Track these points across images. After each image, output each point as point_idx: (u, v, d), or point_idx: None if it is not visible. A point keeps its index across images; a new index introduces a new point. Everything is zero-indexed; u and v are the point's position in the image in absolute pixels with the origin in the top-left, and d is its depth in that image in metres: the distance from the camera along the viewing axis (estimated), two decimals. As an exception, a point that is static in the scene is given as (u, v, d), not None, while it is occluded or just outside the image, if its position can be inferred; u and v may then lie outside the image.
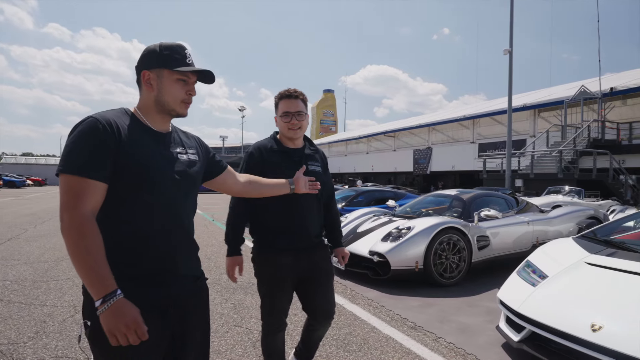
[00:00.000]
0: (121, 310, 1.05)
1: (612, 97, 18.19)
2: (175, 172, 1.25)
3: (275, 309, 2.01)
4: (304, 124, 2.02)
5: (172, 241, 1.23)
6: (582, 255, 2.96)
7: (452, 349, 2.89)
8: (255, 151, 2.04)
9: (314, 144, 2.16)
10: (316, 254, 2.05)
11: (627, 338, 2.10)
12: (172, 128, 1.36)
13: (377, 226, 5.08)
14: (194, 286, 1.33)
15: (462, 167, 25.26)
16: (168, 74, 1.24)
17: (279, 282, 1.97)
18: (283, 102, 1.99)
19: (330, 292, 2.11)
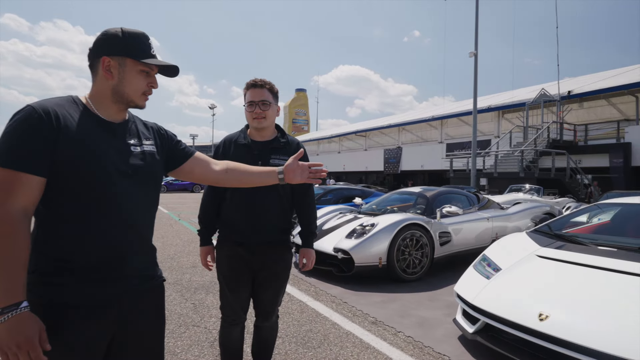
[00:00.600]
0: (18, 326, 0.94)
1: (569, 100, 19.12)
2: (128, 165, 1.16)
3: (230, 299, 1.98)
4: (269, 113, 1.95)
5: (120, 238, 1.14)
6: (534, 248, 3.07)
7: (410, 342, 2.93)
8: (221, 144, 2.05)
9: (286, 136, 2.06)
10: (273, 251, 1.98)
11: (570, 326, 2.19)
12: (130, 117, 1.27)
13: (342, 223, 5.10)
14: (145, 287, 1.23)
15: (431, 166, 25.83)
16: (132, 63, 1.17)
17: (233, 271, 1.96)
18: (249, 92, 1.96)
19: (275, 294, 2.04)
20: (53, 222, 1.07)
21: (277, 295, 2.05)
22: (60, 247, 1.07)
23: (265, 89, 1.95)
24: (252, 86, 1.95)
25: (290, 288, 4.28)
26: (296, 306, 3.69)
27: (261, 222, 1.94)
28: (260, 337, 2.15)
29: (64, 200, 1.07)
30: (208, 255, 2.06)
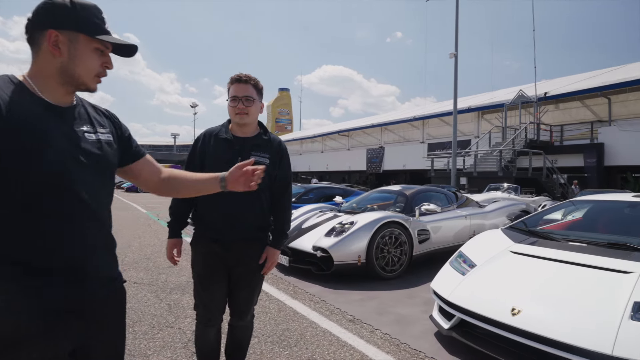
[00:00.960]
0: None
1: (546, 101, 19.62)
2: (81, 153, 1.04)
3: (204, 299, 1.93)
4: (252, 110, 1.90)
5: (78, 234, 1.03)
6: (508, 245, 3.12)
7: (387, 339, 2.93)
8: (201, 137, 2.00)
9: (270, 134, 2.02)
10: (249, 249, 1.92)
11: (541, 320, 2.22)
12: (77, 101, 1.13)
13: (321, 222, 5.08)
14: (106, 289, 1.13)
15: (412, 166, 26.10)
16: (85, 40, 1.03)
17: (207, 269, 1.90)
18: (233, 87, 1.91)
19: (250, 293, 1.98)
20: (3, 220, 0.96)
21: (252, 294, 2.00)
22: (15, 247, 0.96)
23: (249, 85, 1.90)
24: (237, 81, 1.90)
25: (269, 287, 4.23)
26: (274, 305, 3.65)
27: (238, 218, 1.89)
28: (234, 337, 2.09)
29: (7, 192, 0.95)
30: (174, 249, 1.98)
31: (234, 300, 1.99)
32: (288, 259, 4.83)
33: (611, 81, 17.13)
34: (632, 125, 16.68)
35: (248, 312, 2.02)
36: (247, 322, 2.07)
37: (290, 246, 4.88)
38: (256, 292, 2.02)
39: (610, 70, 21.67)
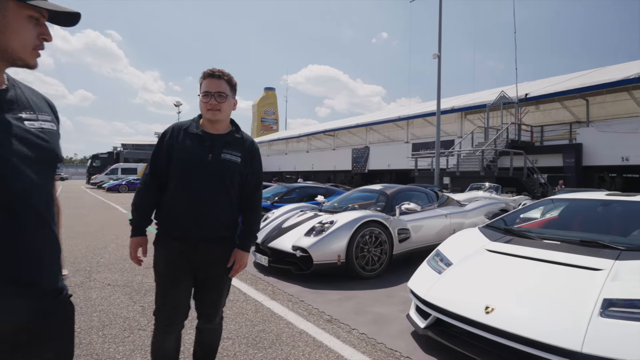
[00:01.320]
0: None
1: (527, 102, 19.97)
2: (22, 143, 0.90)
3: (166, 302, 1.82)
4: (225, 106, 1.83)
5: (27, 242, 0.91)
6: (484, 243, 3.13)
7: (364, 339, 2.91)
8: (169, 130, 1.89)
9: (242, 132, 1.96)
10: (217, 249, 1.84)
11: (513, 318, 2.23)
12: (10, 82, 0.97)
13: (302, 221, 5.04)
14: (55, 306, 1.00)
15: (397, 165, 26.27)
16: (16, 7, 0.90)
17: (171, 269, 1.81)
18: (206, 82, 1.83)
19: (218, 294, 1.91)
20: None
21: (220, 295, 1.92)
22: None
23: (223, 80, 1.83)
24: (209, 76, 1.83)
25: (247, 288, 4.17)
26: (251, 306, 3.59)
27: (206, 216, 1.80)
28: (202, 340, 2.02)
29: None
30: (139, 248, 1.87)
31: (201, 302, 1.91)
32: (267, 259, 4.77)
33: (589, 83, 17.54)
34: (609, 126, 17.11)
35: (216, 314, 1.94)
36: (216, 325, 2.00)
37: (270, 246, 4.83)
38: (224, 293, 1.94)
39: (588, 73, 22.20)
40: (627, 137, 16.00)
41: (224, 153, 1.82)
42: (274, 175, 38.34)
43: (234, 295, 3.89)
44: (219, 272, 1.87)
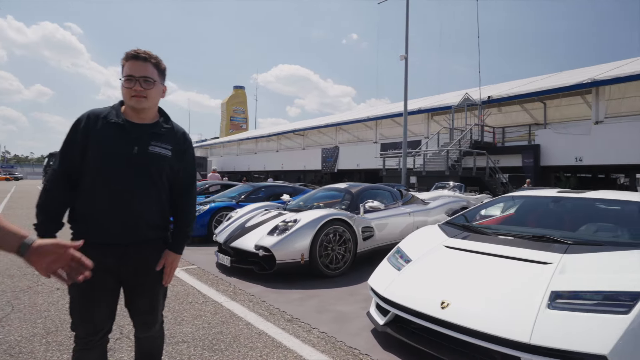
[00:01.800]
0: (39, 250, 1.00)
1: (489, 104, 20.67)
2: None
3: (85, 316, 1.58)
4: (152, 93, 1.63)
5: None
6: (443, 239, 3.18)
7: (324, 338, 2.88)
8: (83, 119, 1.60)
9: (171, 122, 1.76)
10: (147, 253, 1.67)
11: (467, 312, 2.26)
12: None
13: (265, 220, 4.96)
14: None
15: (366, 165, 26.53)
16: None
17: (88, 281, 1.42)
18: (129, 64, 1.61)
19: (153, 301, 1.73)
20: None
21: (156, 302, 1.75)
22: None
23: (149, 64, 1.62)
24: (133, 58, 1.60)
25: (208, 289, 4.05)
26: (210, 308, 3.49)
27: (131, 217, 1.60)
28: (142, 350, 1.85)
29: None
30: None
31: (134, 311, 1.74)
32: (230, 259, 4.67)
33: (546, 87, 18.37)
34: (565, 128, 17.99)
35: (154, 321, 1.77)
36: (156, 332, 1.83)
37: (232, 246, 4.72)
38: (160, 298, 1.77)
39: (545, 77, 23.28)
40: (580, 139, 16.89)
41: (152, 146, 1.63)
42: (243, 174, 37.83)
43: (193, 297, 3.77)
44: (151, 278, 1.69)
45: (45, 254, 1.10)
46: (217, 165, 39.92)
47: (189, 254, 5.80)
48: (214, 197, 8.50)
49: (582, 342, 1.91)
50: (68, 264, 1.16)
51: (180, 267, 5.00)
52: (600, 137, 16.36)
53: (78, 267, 1.18)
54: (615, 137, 15.90)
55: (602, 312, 2.02)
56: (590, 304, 2.09)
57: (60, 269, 1.15)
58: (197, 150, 54.80)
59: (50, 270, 1.12)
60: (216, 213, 6.95)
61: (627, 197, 3.37)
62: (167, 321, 3.13)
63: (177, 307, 3.47)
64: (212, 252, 5.35)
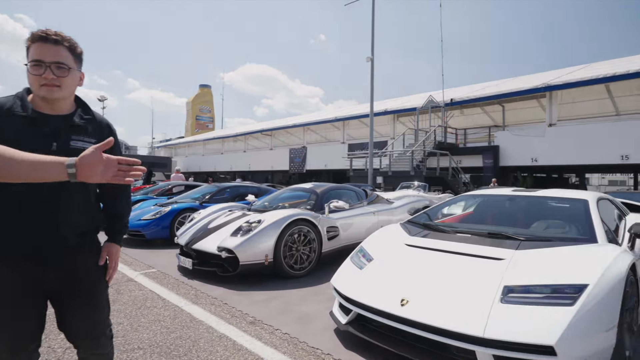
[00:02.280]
0: (84, 160, 1.05)
1: (452, 106, 21.35)
2: None
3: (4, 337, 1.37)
4: (67, 82, 1.42)
5: None
6: (404, 238, 3.23)
7: (286, 339, 2.85)
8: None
9: (92, 112, 1.55)
10: (75, 261, 1.49)
11: (425, 309, 2.30)
12: None
13: (229, 221, 4.86)
14: None
15: (334, 165, 26.67)
16: None
17: (7, 297, 1.36)
18: (35, 47, 1.37)
19: (98, 310, 1.58)
20: None
21: (99, 312, 1.58)
22: None
23: (62, 47, 1.40)
24: (42, 39, 1.37)
25: (168, 293, 3.92)
26: (169, 312, 3.37)
27: (55, 226, 1.40)
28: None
29: None
30: None
31: (72, 331, 1.54)
32: (192, 261, 4.54)
33: (504, 90, 19.20)
34: (522, 130, 18.85)
35: (103, 334, 1.60)
36: (106, 349, 1.64)
37: (194, 248, 4.59)
38: (105, 307, 1.62)
39: (504, 82, 24.31)
40: (535, 140, 17.76)
41: (74, 140, 1.43)
42: (209, 175, 37.05)
43: (151, 302, 3.64)
44: (87, 285, 1.52)
45: (93, 163, 1.11)
46: (182, 165, 38.91)
47: (149, 257, 5.60)
48: (177, 198, 8.26)
49: (531, 334, 1.99)
50: (117, 167, 1.18)
51: (140, 271, 4.82)
52: (553, 139, 17.28)
53: (128, 167, 1.20)
54: (567, 139, 16.85)
55: (550, 304, 2.12)
56: (539, 297, 2.18)
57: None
58: (161, 151, 53.15)
59: (107, 177, 1.15)
60: (179, 215, 6.75)
61: (575, 195, 3.56)
62: (123, 327, 3.00)
63: (134, 313, 3.33)
64: (174, 255, 5.19)
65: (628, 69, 15.33)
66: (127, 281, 4.35)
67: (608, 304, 2.15)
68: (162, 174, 34.77)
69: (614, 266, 2.33)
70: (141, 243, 6.71)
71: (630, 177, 32.98)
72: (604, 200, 3.65)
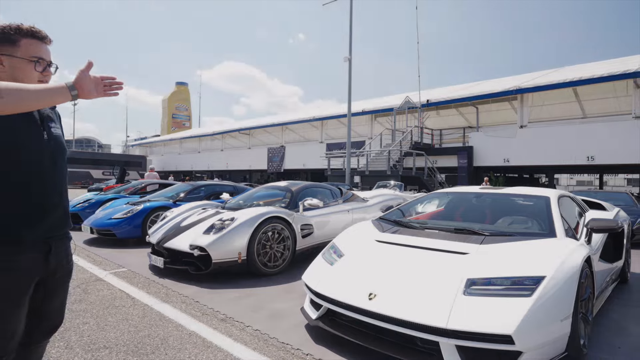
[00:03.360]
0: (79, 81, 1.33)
1: (428, 107, 21.74)
2: None
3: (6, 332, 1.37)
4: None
5: None
6: (373, 234, 3.29)
7: (257, 335, 2.85)
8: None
9: None
10: (63, 245, 1.56)
11: (392, 302, 2.36)
12: None
13: (202, 219, 4.81)
14: None
15: (312, 165, 26.71)
16: None
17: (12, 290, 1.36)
18: (36, 44, 1.47)
19: (64, 299, 1.63)
20: None
21: (65, 300, 1.63)
22: None
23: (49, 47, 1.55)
24: (41, 38, 1.49)
25: (137, 292, 3.85)
26: (138, 311, 3.31)
27: (56, 210, 1.48)
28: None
29: None
30: None
31: (46, 316, 1.54)
32: (163, 260, 4.47)
33: (477, 93, 19.70)
34: (495, 131, 19.40)
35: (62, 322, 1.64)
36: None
37: (166, 246, 4.53)
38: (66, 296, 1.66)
39: (478, 84, 24.95)
40: (508, 141, 18.31)
41: (53, 127, 1.52)
42: (186, 174, 36.46)
43: (120, 301, 3.56)
44: (66, 272, 1.60)
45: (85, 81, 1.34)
46: (158, 164, 38.14)
47: (119, 257, 5.47)
48: (150, 196, 8.10)
49: (491, 324, 2.07)
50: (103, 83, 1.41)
51: (109, 270, 4.71)
52: (524, 140, 17.85)
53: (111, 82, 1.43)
54: (537, 140, 17.45)
55: (510, 295, 2.21)
56: (500, 289, 2.27)
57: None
58: (136, 149, 51.82)
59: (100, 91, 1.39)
60: (151, 213, 6.63)
61: (538, 192, 3.71)
62: (89, 327, 2.94)
63: (102, 312, 3.26)
64: (146, 254, 5.10)
65: (593, 73, 16.02)
66: (96, 281, 4.25)
67: (563, 295, 2.26)
68: (137, 172, 33.97)
69: (570, 259, 2.45)
70: (112, 242, 6.55)
71: (596, 178, 34.46)
72: (565, 198, 3.81)
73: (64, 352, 2.52)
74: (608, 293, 3.66)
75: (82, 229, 6.88)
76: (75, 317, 3.15)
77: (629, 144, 14.95)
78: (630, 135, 14.97)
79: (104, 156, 42.67)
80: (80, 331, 2.86)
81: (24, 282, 1.39)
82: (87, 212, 7.85)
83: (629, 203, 8.30)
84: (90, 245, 6.39)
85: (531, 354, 2.09)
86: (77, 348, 2.58)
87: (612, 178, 53.14)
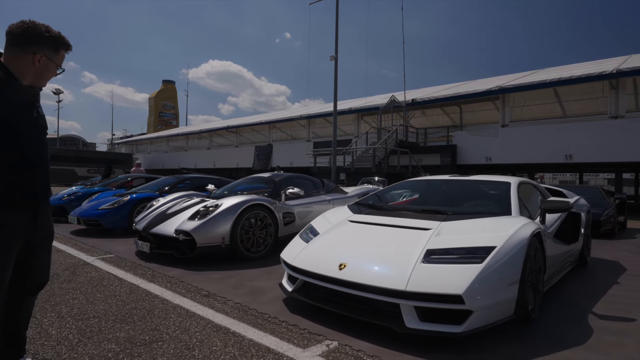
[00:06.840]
0: None
1: (413, 107, 22.15)
2: None
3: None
4: None
5: None
6: (348, 216, 3.53)
7: (237, 307, 3.07)
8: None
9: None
10: (46, 209, 1.77)
11: (359, 271, 2.61)
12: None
13: (187, 206, 5.00)
14: None
15: (299, 163, 26.89)
16: None
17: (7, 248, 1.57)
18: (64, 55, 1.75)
19: (49, 260, 1.85)
20: None
21: (49, 260, 1.85)
22: None
23: None
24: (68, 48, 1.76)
25: (124, 274, 4.02)
26: (125, 289, 3.50)
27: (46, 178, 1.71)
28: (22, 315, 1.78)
29: None
30: None
31: (37, 274, 1.76)
32: (149, 245, 4.65)
33: (461, 92, 20.17)
34: (477, 130, 19.89)
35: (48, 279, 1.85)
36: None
37: (152, 232, 4.70)
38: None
39: (462, 84, 25.49)
40: (490, 140, 18.80)
41: (39, 107, 1.73)
42: (173, 172, 36.25)
43: (108, 281, 3.74)
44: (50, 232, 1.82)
45: None
46: (144, 162, 37.78)
47: (107, 245, 5.62)
48: (136, 189, 8.22)
49: (444, 286, 2.33)
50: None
51: (97, 256, 4.86)
52: (506, 139, 18.35)
53: None
54: (518, 139, 17.96)
55: (463, 263, 2.47)
56: (455, 258, 2.53)
57: None
58: (122, 147, 51.28)
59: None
60: (138, 204, 6.76)
61: (501, 179, 4.00)
62: (78, 301, 3.11)
63: (90, 290, 3.44)
64: (132, 243, 5.26)
65: (572, 74, 16.59)
66: (83, 265, 4.40)
67: (511, 263, 2.53)
68: (123, 170, 33.68)
69: (519, 232, 2.73)
70: (99, 233, 6.68)
71: (577, 178, 35.45)
72: (526, 185, 4.11)
73: (55, 321, 2.70)
74: (565, 272, 3.97)
75: (69, 220, 6.98)
76: (64, 293, 3.32)
77: (604, 143, 15.55)
78: (606, 135, 15.57)
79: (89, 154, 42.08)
80: (70, 305, 3.03)
81: (15, 239, 1.60)
82: (73, 205, 7.93)
83: (599, 197, 8.74)
84: (78, 235, 6.50)
85: (481, 313, 2.35)
86: (68, 317, 2.76)
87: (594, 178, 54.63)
